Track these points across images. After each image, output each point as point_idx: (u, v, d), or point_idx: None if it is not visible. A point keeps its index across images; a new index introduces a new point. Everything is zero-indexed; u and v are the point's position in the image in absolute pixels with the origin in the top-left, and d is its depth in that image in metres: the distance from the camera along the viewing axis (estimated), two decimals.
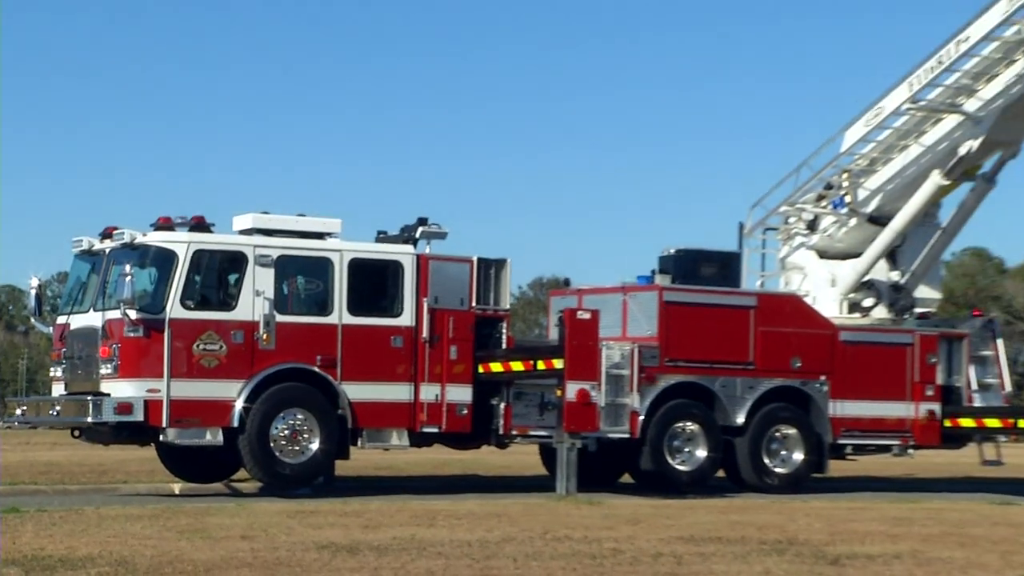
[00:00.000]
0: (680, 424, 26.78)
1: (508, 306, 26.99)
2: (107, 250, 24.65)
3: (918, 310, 30.87)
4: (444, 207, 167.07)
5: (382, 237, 26.27)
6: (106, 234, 24.85)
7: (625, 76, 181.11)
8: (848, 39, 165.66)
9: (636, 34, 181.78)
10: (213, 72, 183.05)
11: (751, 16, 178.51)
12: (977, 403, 29.76)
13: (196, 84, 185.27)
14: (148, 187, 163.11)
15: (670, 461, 26.64)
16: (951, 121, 29.58)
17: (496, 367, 25.95)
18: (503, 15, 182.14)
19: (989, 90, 28.98)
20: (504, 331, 26.55)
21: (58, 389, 25.52)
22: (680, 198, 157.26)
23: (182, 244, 24.03)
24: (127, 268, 23.40)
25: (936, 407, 28.97)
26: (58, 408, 24.98)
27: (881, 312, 30.32)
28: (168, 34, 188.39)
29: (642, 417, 26.25)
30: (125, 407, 23.47)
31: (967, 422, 29.42)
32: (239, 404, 23.93)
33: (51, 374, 26.16)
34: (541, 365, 25.61)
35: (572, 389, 25.09)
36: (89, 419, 23.76)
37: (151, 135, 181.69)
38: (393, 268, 25.41)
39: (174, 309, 23.71)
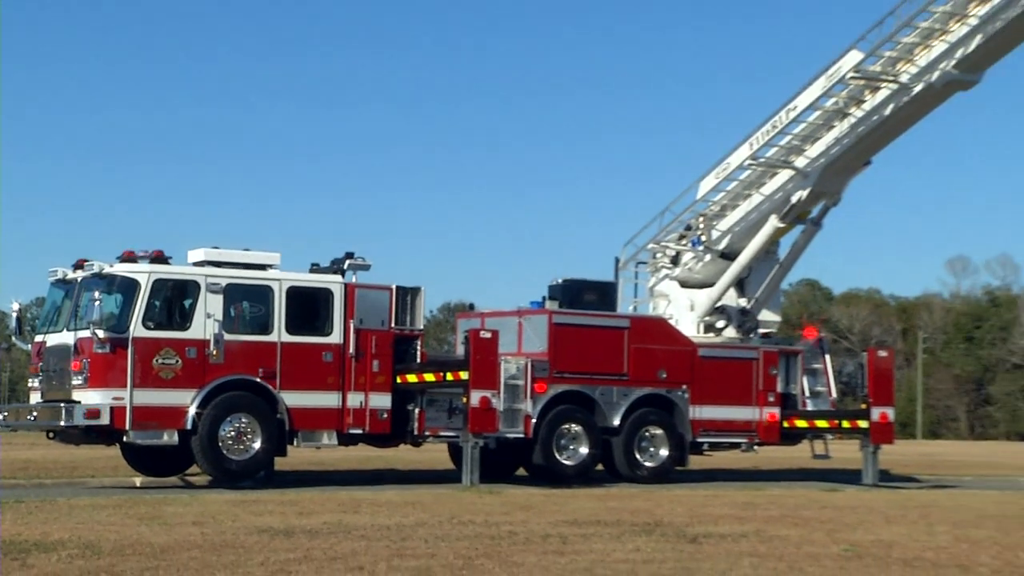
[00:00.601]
0: (566, 426, 27.05)
1: (422, 326, 26.90)
2: (79, 279, 24.57)
3: (761, 330, 31.26)
4: (368, 241, 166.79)
5: (315, 268, 26.22)
6: (78, 265, 24.73)
7: (520, 131, 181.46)
8: (703, 102, 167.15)
9: (533, 89, 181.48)
10: (171, 119, 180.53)
11: (627, 80, 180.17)
12: (809, 407, 30.22)
13: (159, 129, 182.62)
14: (112, 222, 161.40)
15: (558, 457, 26.90)
16: (785, 175, 30.12)
17: (412, 378, 26.02)
18: (411, 67, 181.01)
19: (814, 150, 29.54)
20: (418, 347, 26.61)
21: (35, 397, 25.30)
22: (567, 234, 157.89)
23: (144, 274, 24.02)
24: (96, 294, 23.43)
25: (776, 411, 29.45)
26: (35, 414, 24.85)
27: (731, 332, 30.59)
28: (127, 81, 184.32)
29: (534, 420, 26.49)
30: (94, 412, 23.44)
31: (801, 423, 29.93)
32: (192, 410, 23.86)
33: (29, 385, 25.93)
34: (450, 376, 25.73)
35: (476, 396, 25.29)
36: (62, 423, 23.78)
37: (116, 176, 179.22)
38: (324, 295, 25.46)
39: (136, 329, 23.68)
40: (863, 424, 29.36)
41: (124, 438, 24.25)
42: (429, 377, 26.08)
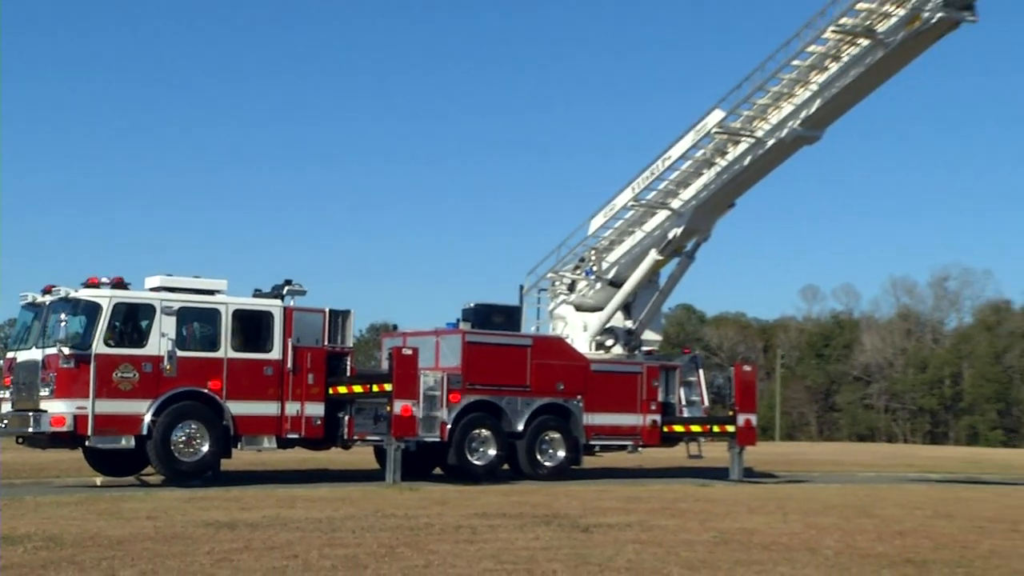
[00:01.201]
0: (477, 431, 26.94)
1: (351, 344, 26.78)
2: (47, 302, 24.22)
3: (645, 348, 31.34)
4: (305, 268, 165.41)
5: (258, 293, 26.01)
6: (46, 290, 24.44)
7: (438, 166, 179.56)
8: (596, 148, 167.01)
9: (444, 114, 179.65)
10: (130, 155, 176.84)
11: (531, 114, 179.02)
12: (685, 414, 30.32)
13: (117, 165, 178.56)
14: (77, 251, 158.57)
15: (469, 458, 26.79)
16: (662, 214, 30.32)
17: (342, 389, 25.76)
18: (350, 91, 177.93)
19: (687, 193, 29.78)
20: (348, 363, 26.41)
21: (6, 407, 24.73)
22: (480, 263, 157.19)
23: (106, 298, 23.69)
24: (62, 316, 23.23)
25: (658, 417, 29.55)
26: (6, 421, 24.50)
27: (619, 350, 30.63)
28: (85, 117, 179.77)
29: (449, 426, 26.40)
30: (59, 420, 23.11)
31: (679, 428, 30.06)
32: (147, 417, 23.53)
33: (1, 396, 25.46)
34: (376, 388, 25.56)
35: (398, 405, 25.13)
36: (30, 429, 23.55)
37: (81, 208, 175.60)
38: (266, 317, 25.21)
39: (98, 346, 23.36)
40: (730, 428, 29.70)
41: (86, 443, 23.89)
42: (357, 389, 25.87)
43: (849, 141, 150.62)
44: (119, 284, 24.18)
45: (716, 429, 30.19)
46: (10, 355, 25.16)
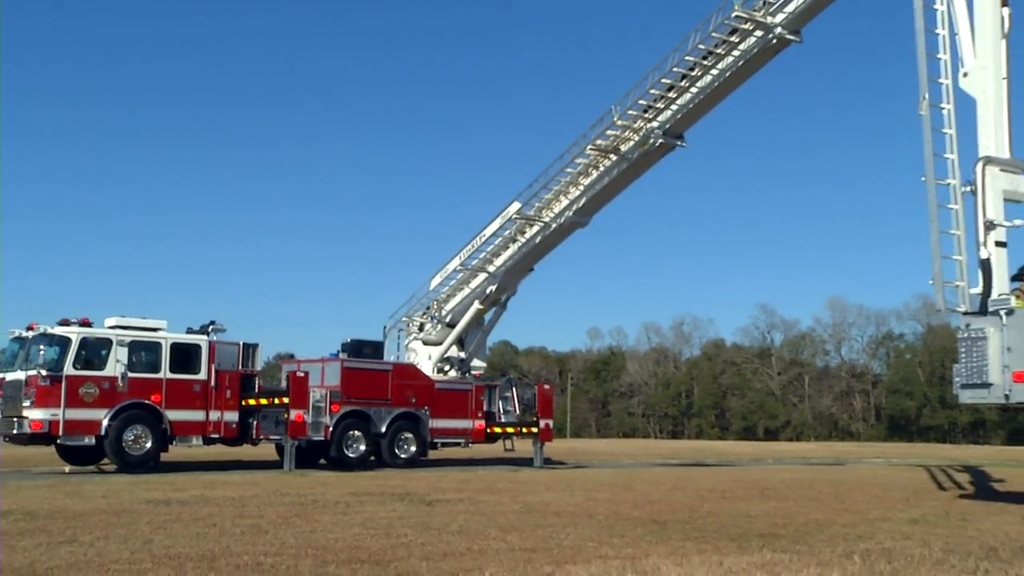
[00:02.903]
0: (351, 432, 26.63)
1: (259, 368, 26.33)
2: (30, 336, 23.51)
3: (474, 372, 31.41)
4: (226, 309, 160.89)
5: (190, 330, 25.23)
6: (29, 327, 23.79)
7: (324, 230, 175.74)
8: (442, 219, 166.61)
9: (339, 170, 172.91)
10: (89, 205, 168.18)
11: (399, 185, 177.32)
12: (503, 420, 30.38)
13: (85, 220, 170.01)
14: (54, 296, 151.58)
15: (346, 452, 26.48)
16: (482, 276, 30.48)
17: (252, 402, 25.29)
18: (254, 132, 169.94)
19: (498, 261, 30.09)
20: (257, 382, 25.88)
21: None
22: (353, 307, 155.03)
23: (75, 333, 23.10)
24: (41, 347, 22.63)
25: (483, 422, 29.63)
26: None
27: (454, 373, 30.73)
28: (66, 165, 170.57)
29: (331, 428, 26.12)
30: (38, 424, 22.45)
31: (498, 429, 30.17)
32: (105, 422, 22.96)
33: None
34: (277, 400, 25.32)
35: (293, 413, 25.03)
36: (15, 431, 22.87)
37: (54, 259, 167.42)
38: (195, 348, 24.65)
39: (68, 369, 22.74)
40: (535, 429, 30.09)
41: (58, 440, 23.20)
42: (263, 401, 25.48)
43: (605, 232, 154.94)
44: (85, 323, 23.63)
45: (524, 430, 30.40)
46: (1, 375, 24.18)
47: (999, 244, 15.89)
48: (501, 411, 30.51)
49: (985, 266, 15.68)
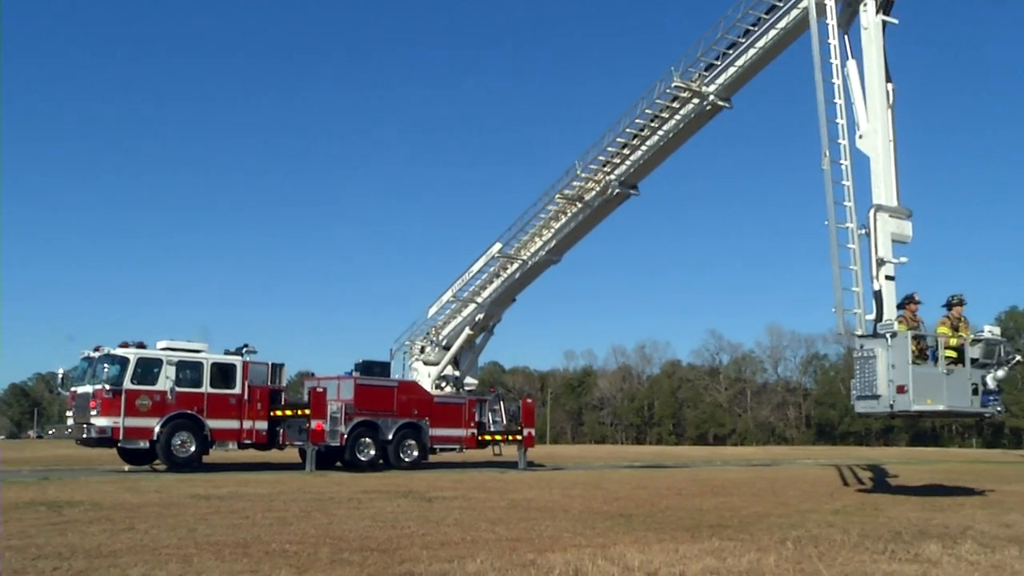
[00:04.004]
0: (363, 439, 26.50)
1: (285, 384, 26.34)
2: (96, 356, 23.62)
3: (467, 388, 31.18)
4: (256, 332, 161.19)
5: (227, 352, 25.37)
6: (95, 349, 23.86)
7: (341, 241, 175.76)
8: (437, 254, 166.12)
9: (328, 178, 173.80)
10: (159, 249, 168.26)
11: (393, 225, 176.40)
12: (492, 429, 30.22)
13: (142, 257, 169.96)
14: (112, 321, 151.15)
15: (358, 456, 26.32)
16: (472, 306, 30.33)
17: (279, 413, 25.32)
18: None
19: (485, 292, 29.88)
20: (283, 396, 25.92)
21: (70, 421, 24.06)
22: (365, 332, 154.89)
23: (132, 354, 23.23)
24: (105, 365, 22.87)
25: (475, 431, 29.47)
26: (70, 430, 23.95)
27: (450, 389, 30.52)
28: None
29: (345, 435, 25.95)
30: (103, 430, 22.64)
31: (488, 437, 30.01)
32: (157, 429, 23.08)
33: (67, 414, 24.49)
34: (300, 412, 25.26)
35: (314, 423, 24.93)
36: (84, 436, 23.01)
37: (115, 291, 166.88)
38: (232, 367, 24.70)
39: (127, 384, 22.84)
40: (519, 437, 29.94)
41: (119, 444, 23.28)
42: (289, 412, 25.46)
43: (578, 267, 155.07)
44: (140, 346, 23.76)
45: (510, 437, 30.22)
46: (73, 389, 24.42)
47: (888, 278, 16.17)
48: (490, 421, 30.33)
49: (877, 296, 15.95)
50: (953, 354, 15.70)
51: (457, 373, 31.11)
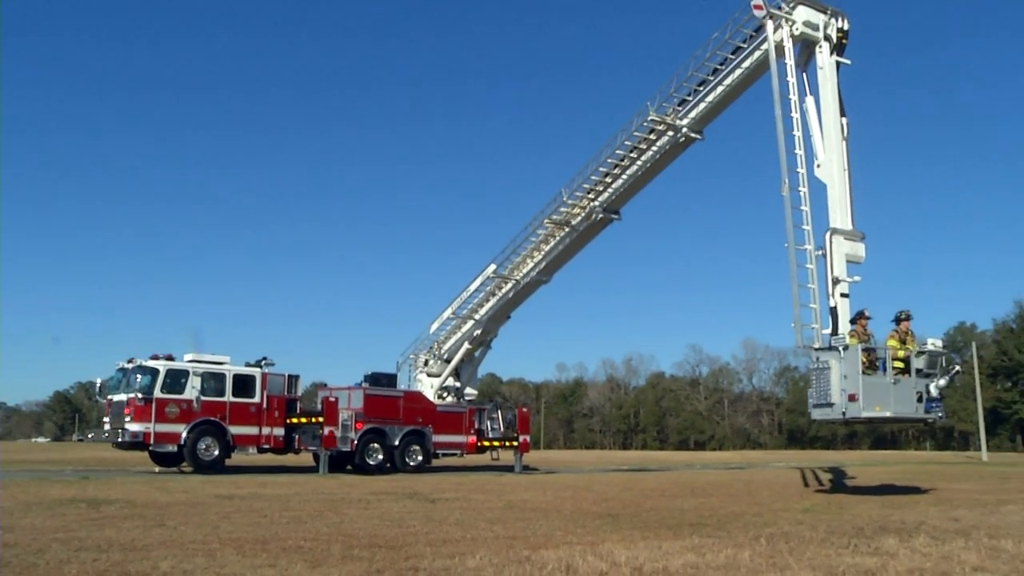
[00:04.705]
0: (372, 444, 26.31)
1: (300, 394, 26.30)
2: (130, 367, 23.64)
3: (467, 397, 31.04)
4: (274, 345, 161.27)
5: (248, 364, 25.27)
6: (129, 360, 23.87)
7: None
8: (442, 274, 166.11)
9: (340, 205, 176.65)
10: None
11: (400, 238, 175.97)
12: (490, 435, 29.96)
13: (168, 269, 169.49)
14: (143, 337, 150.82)
15: (367, 460, 26.11)
16: (471, 323, 30.16)
17: (295, 420, 25.21)
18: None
19: (483, 310, 29.65)
20: (298, 405, 25.88)
21: (107, 426, 24.00)
22: (373, 345, 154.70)
23: (162, 365, 23.25)
24: (138, 376, 22.97)
25: (475, 437, 29.21)
26: (107, 434, 23.79)
27: (452, 399, 30.36)
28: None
29: (355, 441, 25.75)
30: (136, 434, 22.64)
31: (487, 443, 29.68)
32: (184, 434, 23.04)
33: (104, 420, 24.43)
34: (314, 420, 25.10)
35: (327, 430, 24.80)
36: (119, 439, 22.97)
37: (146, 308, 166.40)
38: (252, 378, 24.65)
39: (157, 393, 22.86)
40: (515, 443, 29.71)
41: (150, 447, 23.25)
42: (304, 420, 25.32)
43: (568, 287, 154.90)
44: (169, 358, 23.75)
45: (507, 443, 29.97)
46: (109, 396, 24.37)
47: (843, 295, 16.29)
48: (489, 428, 30.18)
49: (833, 312, 16.04)
50: (900, 365, 15.77)
51: (458, 384, 30.99)
